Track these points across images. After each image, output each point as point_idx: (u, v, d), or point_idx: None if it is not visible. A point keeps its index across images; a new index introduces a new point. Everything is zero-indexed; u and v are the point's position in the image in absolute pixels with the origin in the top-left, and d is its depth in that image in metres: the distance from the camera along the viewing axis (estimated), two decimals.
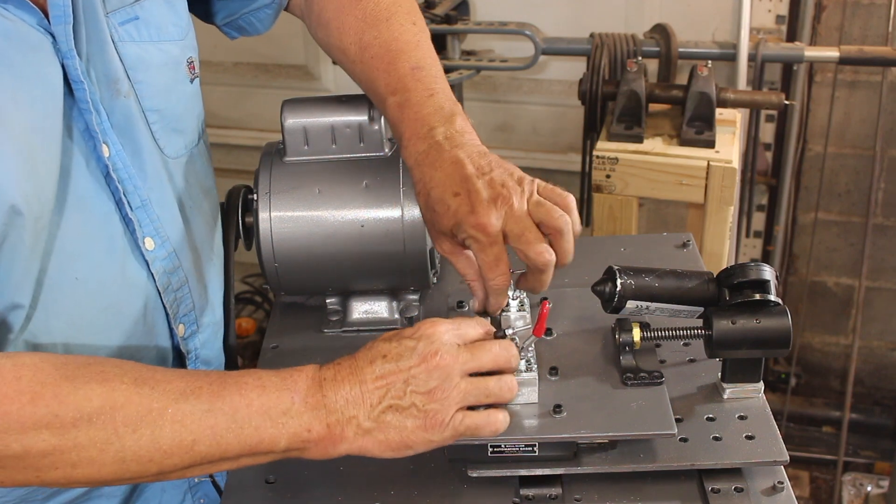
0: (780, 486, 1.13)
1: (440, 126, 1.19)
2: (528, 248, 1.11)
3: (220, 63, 3.41)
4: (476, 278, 1.18)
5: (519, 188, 1.14)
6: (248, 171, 1.55)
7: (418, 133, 1.19)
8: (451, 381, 1.05)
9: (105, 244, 1.16)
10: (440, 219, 1.15)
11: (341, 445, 1.05)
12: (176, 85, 1.27)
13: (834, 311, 3.29)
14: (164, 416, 0.99)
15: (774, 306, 1.17)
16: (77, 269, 1.12)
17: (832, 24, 2.89)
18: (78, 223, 1.12)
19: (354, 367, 1.06)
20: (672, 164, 2.21)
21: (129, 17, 1.20)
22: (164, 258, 1.23)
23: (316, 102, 1.33)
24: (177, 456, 1.01)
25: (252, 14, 1.45)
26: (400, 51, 1.28)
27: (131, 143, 1.19)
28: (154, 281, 1.22)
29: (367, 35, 1.31)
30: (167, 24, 1.25)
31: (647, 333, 1.21)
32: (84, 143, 1.12)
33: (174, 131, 1.26)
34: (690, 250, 1.53)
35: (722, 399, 1.22)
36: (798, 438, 3.31)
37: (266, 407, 1.03)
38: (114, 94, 1.16)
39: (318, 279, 1.35)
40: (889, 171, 3.03)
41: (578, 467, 1.14)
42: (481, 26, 2.73)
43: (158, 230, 1.22)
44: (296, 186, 1.31)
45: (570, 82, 3.06)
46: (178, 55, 1.27)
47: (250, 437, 1.02)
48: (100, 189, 1.15)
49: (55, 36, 1.08)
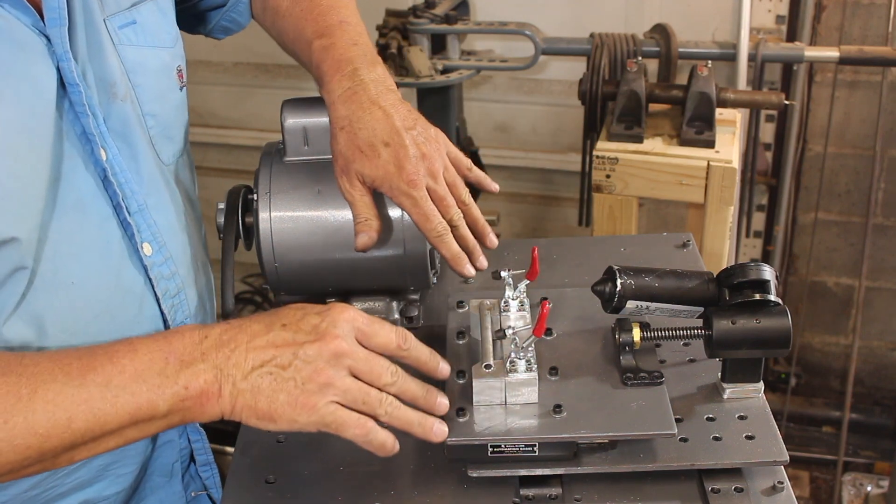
0: (780, 486, 1.13)
1: (364, 68, 1.24)
2: (446, 211, 1.20)
3: (220, 63, 3.41)
4: (373, 216, 1.22)
5: (437, 145, 1.23)
6: (248, 171, 1.55)
7: (342, 70, 1.24)
8: (338, 370, 1.03)
9: (101, 248, 1.15)
10: (366, 161, 1.19)
11: (218, 404, 1.02)
12: (169, 92, 1.28)
13: (834, 311, 3.29)
14: (35, 399, 0.97)
15: (774, 306, 1.17)
16: (73, 273, 1.12)
17: (832, 24, 2.89)
18: (74, 226, 1.11)
19: (246, 329, 1.04)
20: (672, 164, 2.21)
21: (127, 21, 1.20)
22: (162, 264, 1.23)
23: (316, 102, 1.33)
24: (55, 437, 0.98)
25: (232, 11, 1.49)
26: (329, 6, 1.35)
27: (129, 147, 1.19)
28: (152, 287, 1.22)
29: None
30: (160, 31, 1.27)
31: (647, 333, 1.21)
32: (81, 147, 1.12)
33: (167, 138, 1.28)
34: (690, 250, 1.53)
35: (722, 399, 1.22)
36: (798, 438, 3.31)
37: (139, 370, 1.00)
38: (111, 97, 1.16)
39: (318, 279, 1.35)
40: (889, 171, 3.03)
41: (578, 467, 1.13)
42: (481, 26, 2.73)
43: (156, 235, 1.22)
44: (296, 186, 1.31)
45: (570, 82, 3.06)
46: (169, 62, 1.29)
47: (127, 404, 0.99)
48: (97, 192, 1.15)
49: (50, 38, 1.07)
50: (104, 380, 0.99)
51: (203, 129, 3.44)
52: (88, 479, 1.23)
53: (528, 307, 1.25)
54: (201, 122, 3.46)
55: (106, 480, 1.25)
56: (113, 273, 1.17)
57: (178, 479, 1.37)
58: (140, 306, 1.21)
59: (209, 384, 1.01)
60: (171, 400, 1.01)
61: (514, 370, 1.14)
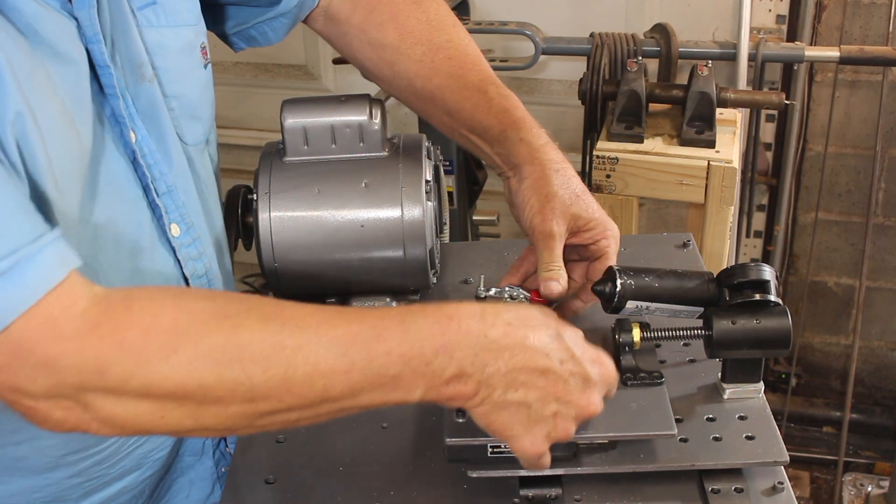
0: (781, 487, 1.13)
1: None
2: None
3: (220, 63, 3.40)
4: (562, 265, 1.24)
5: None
6: (248, 171, 1.55)
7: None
8: (575, 425, 1.04)
9: (134, 230, 1.15)
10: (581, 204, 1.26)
11: (465, 403, 1.00)
12: (192, 70, 1.26)
13: (834, 311, 3.29)
14: (297, 356, 0.94)
15: (774, 306, 1.17)
16: (109, 256, 1.11)
17: (832, 24, 2.89)
18: (110, 209, 1.11)
19: (529, 343, 1.00)
20: (672, 164, 2.20)
21: (147, 1, 1.19)
22: (190, 244, 1.22)
23: (316, 102, 1.33)
24: (308, 398, 0.95)
25: (266, 23, 1.42)
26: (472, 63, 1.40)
27: (156, 128, 1.18)
28: (181, 268, 1.21)
29: (436, 37, 1.38)
30: (182, 10, 1.24)
31: (647, 333, 1.21)
32: (111, 129, 1.12)
33: (192, 118, 1.26)
34: (690, 250, 1.53)
35: (722, 399, 1.21)
36: (798, 438, 3.31)
37: (407, 357, 0.96)
38: (138, 78, 1.16)
39: (318, 279, 1.35)
40: (889, 171, 3.03)
41: (578, 467, 1.13)
42: (481, 26, 2.72)
43: (184, 216, 1.21)
44: (296, 186, 1.31)
45: (570, 82, 3.06)
46: (192, 40, 1.26)
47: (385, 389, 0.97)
48: (129, 175, 1.14)
49: (79, 21, 1.07)
50: (367, 357, 0.95)
51: None
52: (130, 468, 1.23)
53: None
54: None
55: (144, 467, 1.25)
56: (146, 255, 1.17)
57: (209, 457, 1.36)
58: None
59: (469, 390, 0.99)
60: (428, 394, 0.98)
61: None
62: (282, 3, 1.39)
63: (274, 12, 1.40)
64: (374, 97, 1.34)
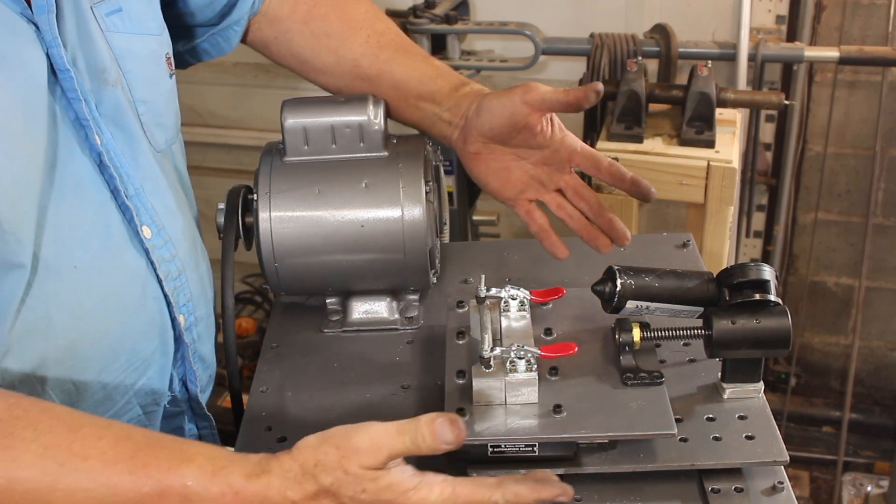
0: (780, 486, 1.13)
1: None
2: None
3: (219, 63, 3.40)
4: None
5: None
6: (248, 171, 1.55)
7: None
8: None
9: (102, 232, 1.16)
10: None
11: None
12: (159, 78, 1.29)
13: (834, 311, 3.29)
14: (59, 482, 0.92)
15: (774, 306, 1.17)
16: (76, 258, 1.13)
17: (832, 24, 2.89)
18: (74, 211, 1.12)
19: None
20: (672, 164, 2.21)
21: (113, 8, 1.22)
22: (162, 246, 1.23)
23: (316, 102, 1.33)
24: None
25: (220, 34, 1.45)
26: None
27: (122, 132, 1.20)
28: (154, 269, 1.22)
29: (378, 24, 1.45)
30: (146, 19, 1.27)
31: (647, 333, 1.21)
32: (75, 132, 1.13)
33: (158, 125, 1.28)
34: (690, 250, 1.53)
35: (722, 399, 1.21)
36: (798, 438, 3.31)
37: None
38: (101, 83, 1.17)
39: (318, 279, 1.35)
40: (889, 171, 3.03)
41: (578, 467, 1.13)
42: (481, 26, 2.73)
43: (154, 219, 1.22)
44: (296, 186, 1.31)
45: (570, 82, 3.06)
46: (157, 49, 1.29)
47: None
48: (95, 177, 1.15)
49: (38, 26, 1.09)
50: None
51: (203, 129, 3.44)
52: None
53: (528, 307, 1.25)
54: (201, 121, 3.46)
55: None
56: (115, 256, 1.17)
57: None
58: (143, 289, 1.21)
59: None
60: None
61: (514, 370, 1.14)
62: (233, 13, 1.43)
63: (225, 23, 1.44)
64: (374, 97, 1.35)
